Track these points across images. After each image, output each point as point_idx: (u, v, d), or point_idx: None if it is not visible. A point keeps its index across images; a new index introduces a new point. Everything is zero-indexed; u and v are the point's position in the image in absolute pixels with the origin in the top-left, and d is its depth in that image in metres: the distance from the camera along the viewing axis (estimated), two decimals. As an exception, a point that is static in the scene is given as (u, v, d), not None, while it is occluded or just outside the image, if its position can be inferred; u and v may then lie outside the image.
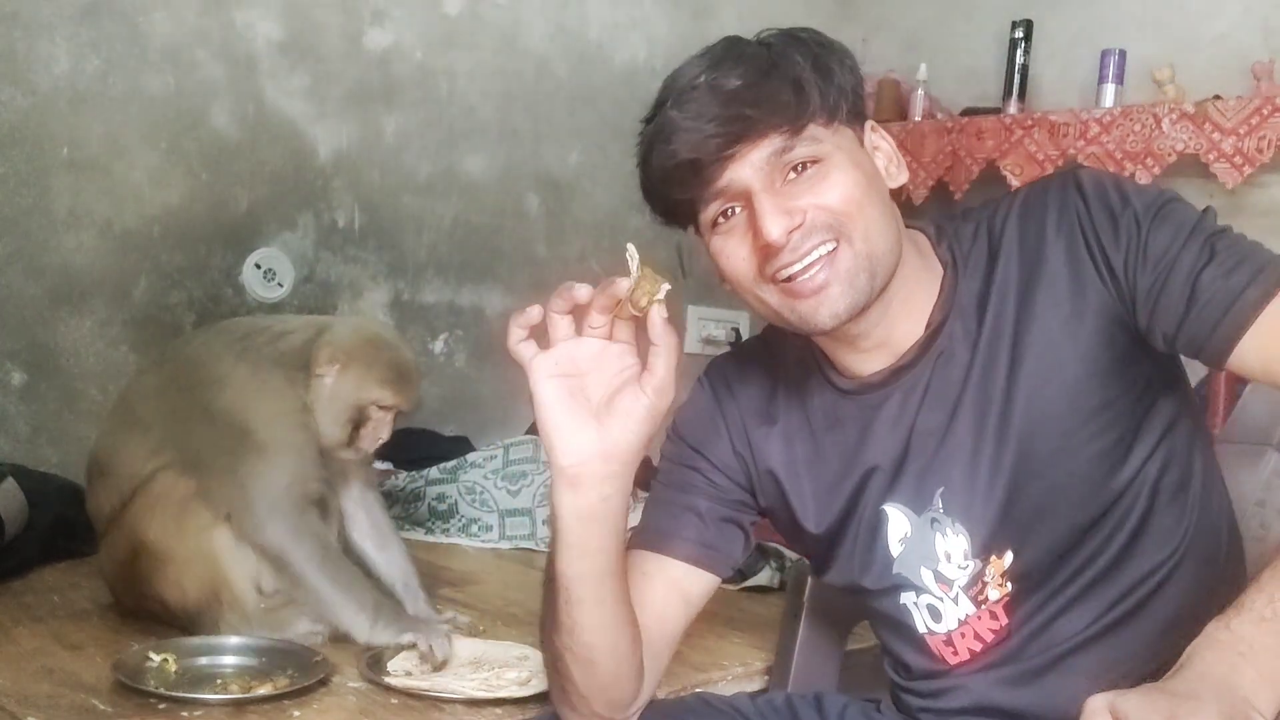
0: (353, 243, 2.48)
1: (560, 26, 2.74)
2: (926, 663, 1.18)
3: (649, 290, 0.95)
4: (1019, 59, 2.70)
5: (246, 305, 2.33)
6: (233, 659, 1.38)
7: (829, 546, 1.20)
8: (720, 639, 1.61)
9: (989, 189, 2.67)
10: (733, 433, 1.22)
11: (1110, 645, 1.10)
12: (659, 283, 0.95)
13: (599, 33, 2.79)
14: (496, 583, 1.89)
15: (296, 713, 1.25)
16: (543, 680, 1.33)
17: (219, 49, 2.29)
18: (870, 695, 1.29)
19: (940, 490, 1.11)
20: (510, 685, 1.34)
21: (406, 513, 2.21)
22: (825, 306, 1.04)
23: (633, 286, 0.94)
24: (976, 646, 1.14)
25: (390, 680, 1.33)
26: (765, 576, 1.93)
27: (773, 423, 1.20)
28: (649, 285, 0.95)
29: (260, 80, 2.34)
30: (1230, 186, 2.28)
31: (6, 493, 1.74)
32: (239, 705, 1.25)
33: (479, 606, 1.71)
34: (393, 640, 1.41)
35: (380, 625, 1.42)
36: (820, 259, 1.03)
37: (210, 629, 1.45)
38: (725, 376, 1.25)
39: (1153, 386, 1.08)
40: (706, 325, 2.94)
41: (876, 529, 1.15)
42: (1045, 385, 1.06)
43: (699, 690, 1.39)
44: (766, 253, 1.03)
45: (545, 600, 1.08)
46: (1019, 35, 2.70)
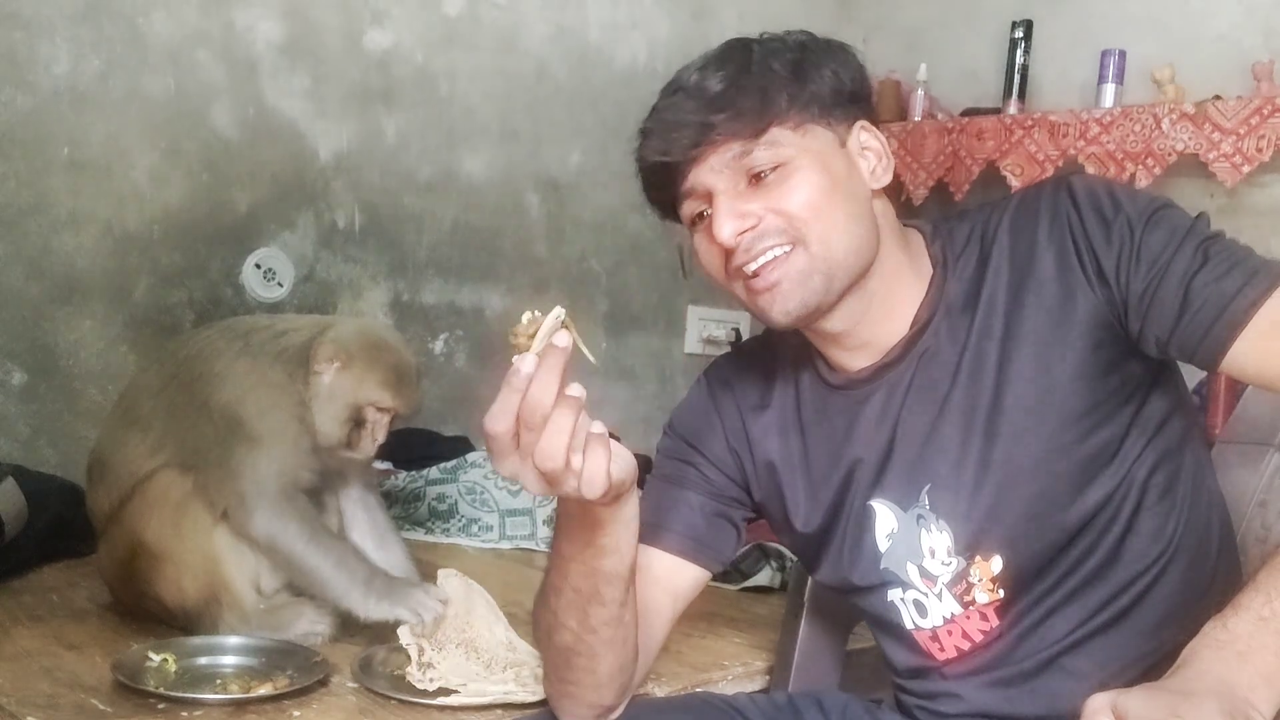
0: (353, 243, 2.48)
1: (560, 27, 2.74)
2: (916, 659, 1.19)
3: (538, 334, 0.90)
4: (1019, 59, 2.70)
5: (246, 305, 2.32)
6: (232, 659, 1.38)
7: (820, 543, 1.21)
8: (720, 639, 1.61)
9: (989, 189, 2.67)
10: (728, 428, 1.23)
11: (1102, 645, 1.10)
12: (557, 315, 0.91)
13: (599, 33, 2.79)
14: (496, 583, 1.88)
15: (296, 713, 1.25)
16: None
17: (219, 50, 2.29)
18: (873, 695, 1.29)
19: (927, 487, 1.11)
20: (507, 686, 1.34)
21: (406, 513, 2.21)
22: (777, 304, 1.08)
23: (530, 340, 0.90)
24: (965, 645, 1.14)
25: (382, 687, 1.32)
26: (765, 576, 1.93)
27: (768, 415, 1.22)
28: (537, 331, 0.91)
29: (260, 81, 2.34)
30: (1230, 186, 2.28)
31: (6, 493, 1.74)
32: (239, 705, 1.25)
33: (479, 607, 1.70)
34: (388, 615, 1.40)
35: (374, 598, 1.42)
36: (773, 260, 1.07)
37: (209, 629, 1.45)
38: (723, 374, 1.26)
39: (1142, 387, 1.08)
40: (707, 325, 2.94)
41: (864, 524, 1.16)
42: (1033, 388, 1.06)
43: (699, 690, 1.39)
44: (726, 251, 1.08)
45: (554, 603, 1.08)
46: (1019, 35, 2.70)
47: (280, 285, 2.37)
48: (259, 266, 2.34)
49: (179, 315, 2.26)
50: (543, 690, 1.31)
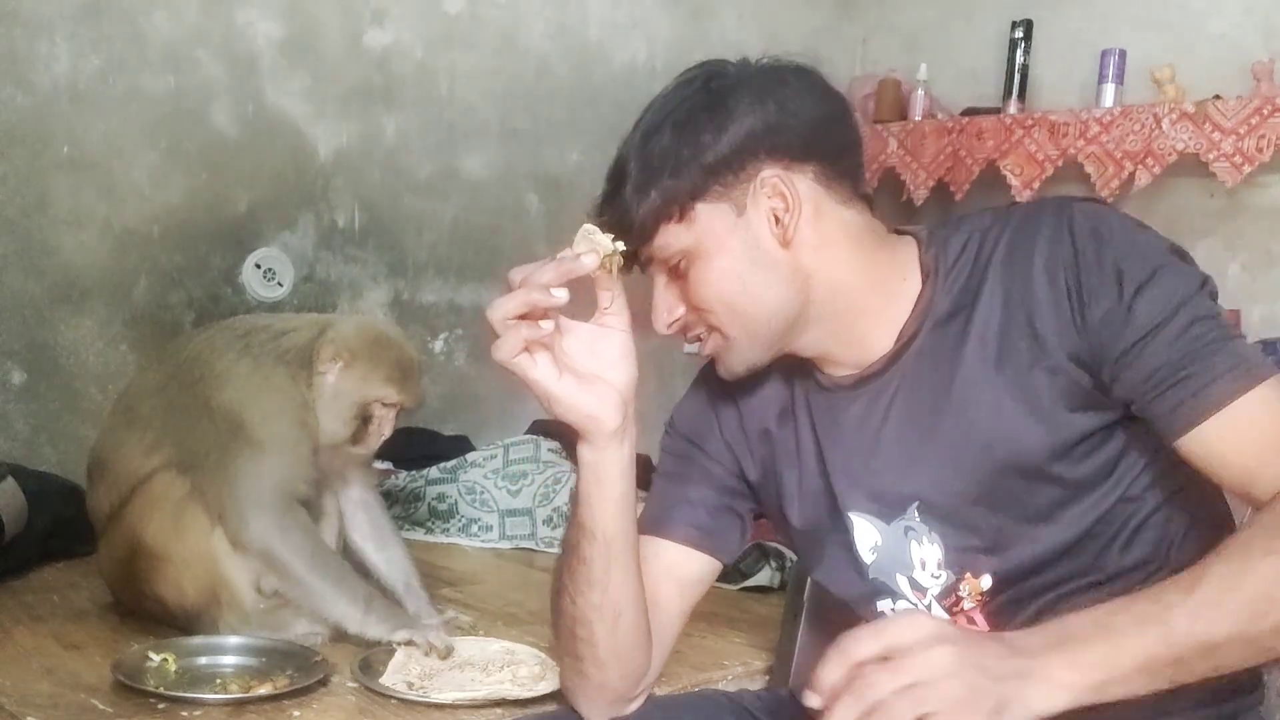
0: (353, 242, 2.48)
1: (560, 26, 2.74)
2: None
3: (609, 257, 1.06)
4: (1019, 59, 2.70)
5: (246, 305, 2.33)
6: (232, 659, 1.38)
7: (814, 541, 1.21)
8: (721, 639, 1.61)
9: (989, 189, 2.67)
10: (725, 424, 1.24)
11: None
12: (610, 246, 1.06)
13: (599, 32, 2.79)
14: (496, 583, 1.89)
15: (296, 713, 1.25)
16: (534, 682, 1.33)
17: (219, 49, 2.29)
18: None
19: (915, 504, 1.10)
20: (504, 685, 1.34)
21: (406, 513, 2.21)
22: (724, 367, 1.16)
23: (600, 260, 1.05)
24: None
25: (384, 687, 1.32)
26: (765, 576, 1.93)
27: (765, 409, 1.22)
28: (607, 253, 1.06)
29: (260, 80, 2.34)
30: (1230, 186, 2.28)
31: (6, 493, 1.74)
32: (239, 705, 1.25)
33: (479, 606, 1.71)
34: (386, 636, 1.41)
35: (373, 619, 1.42)
36: (704, 340, 1.15)
37: (209, 629, 1.45)
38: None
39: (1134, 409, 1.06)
40: (706, 325, 2.94)
41: (848, 536, 1.16)
42: (1022, 415, 1.05)
43: (700, 689, 1.39)
44: None
45: (570, 569, 1.11)
46: (1019, 35, 2.70)
47: (280, 285, 2.37)
48: (259, 266, 2.34)
49: (179, 315, 2.26)
50: (539, 688, 1.33)
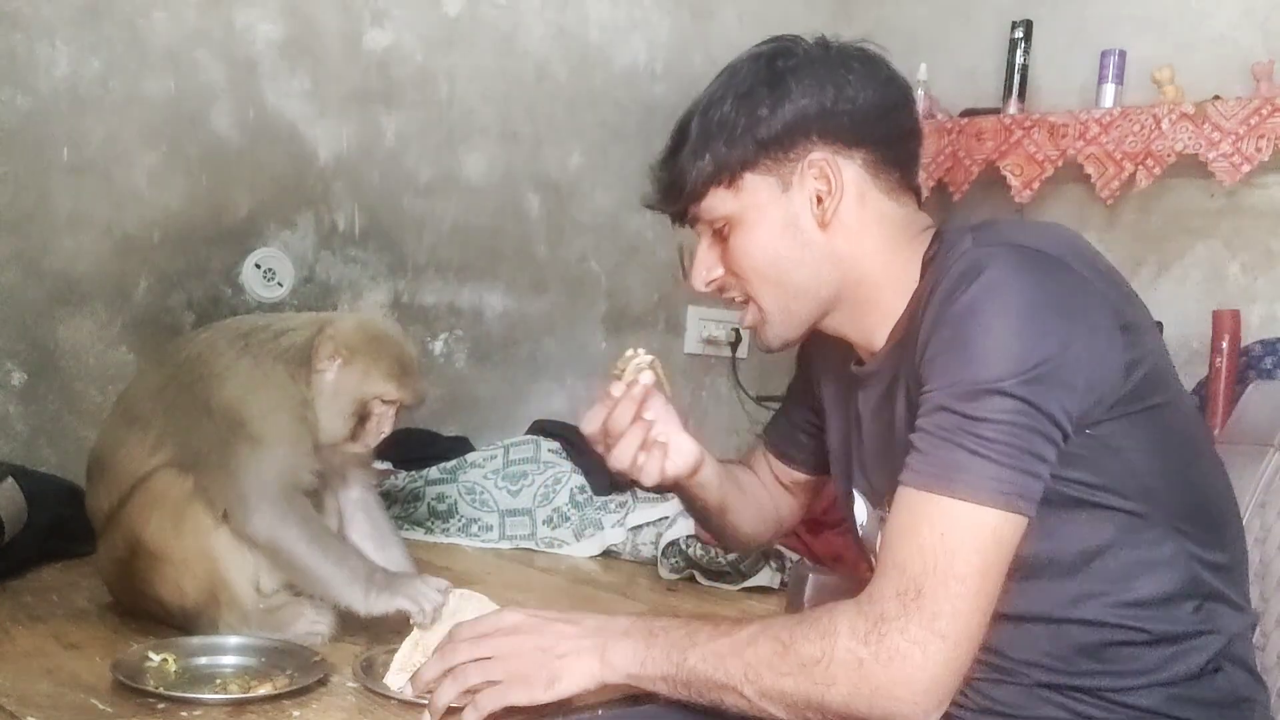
0: (353, 244, 2.49)
1: (560, 28, 2.74)
2: None
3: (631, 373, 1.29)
4: (1019, 59, 2.70)
5: (246, 305, 2.33)
6: (232, 659, 1.38)
7: (844, 494, 1.29)
8: (720, 639, 1.61)
9: (989, 190, 2.67)
10: (809, 366, 1.38)
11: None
12: (648, 359, 1.30)
13: (599, 34, 2.79)
14: (496, 583, 1.89)
15: (296, 713, 1.25)
16: None
17: (219, 51, 2.29)
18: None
19: (887, 500, 1.10)
20: None
21: (406, 513, 2.21)
22: (760, 339, 1.23)
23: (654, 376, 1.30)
24: None
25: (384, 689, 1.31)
26: (765, 576, 1.93)
27: (825, 374, 1.32)
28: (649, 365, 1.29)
29: (260, 82, 2.34)
30: (1229, 186, 2.28)
31: (6, 493, 1.74)
32: (239, 705, 1.25)
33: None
34: (389, 607, 1.40)
35: (374, 593, 1.42)
36: (743, 303, 1.21)
37: (209, 629, 1.45)
38: None
39: (1114, 439, 1.05)
40: (707, 326, 2.93)
41: (852, 503, 1.25)
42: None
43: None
44: None
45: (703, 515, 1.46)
46: (1019, 35, 2.70)
47: (280, 285, 2.37)
48: (259, 267, 2.34)
49: (179, 316, 2.26)
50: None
